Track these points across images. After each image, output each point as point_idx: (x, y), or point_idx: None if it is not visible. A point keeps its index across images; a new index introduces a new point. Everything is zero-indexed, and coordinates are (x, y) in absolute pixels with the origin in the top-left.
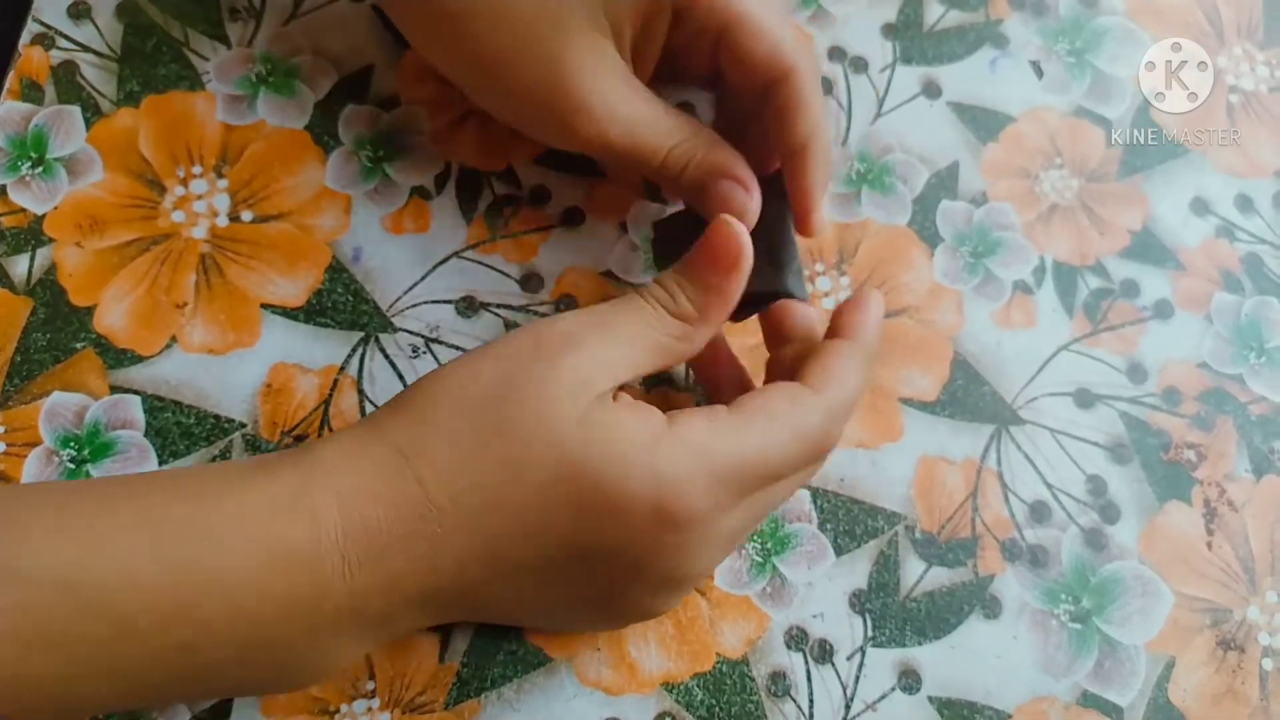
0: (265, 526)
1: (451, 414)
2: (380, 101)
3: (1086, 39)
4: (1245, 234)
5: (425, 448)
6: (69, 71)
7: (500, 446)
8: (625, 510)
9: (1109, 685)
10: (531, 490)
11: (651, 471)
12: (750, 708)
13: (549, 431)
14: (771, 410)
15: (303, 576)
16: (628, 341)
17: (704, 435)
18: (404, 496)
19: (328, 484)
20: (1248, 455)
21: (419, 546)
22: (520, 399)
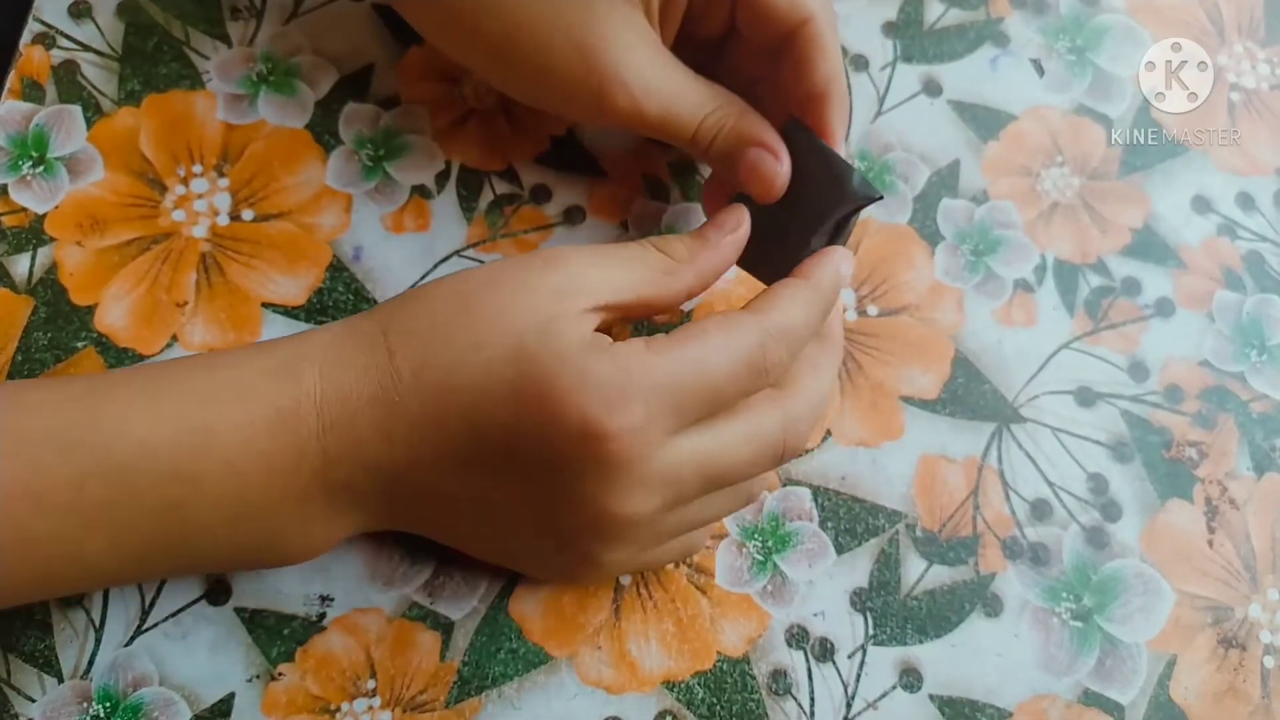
0: (255, 389)
1: (434, 299)
2: (381, 100)
3: (1087, 37)
4: (1247, 232)
5: (402, 323)
6: (70, 71)
7: (465, 326)
8: (556, 412)
9: (1110, 683)
10: (480, 371)
11: (579, 373)
12: (751, 706)
13: (510, 321)
14: (704, 329)
15: (284, 434)
16: (612, 263)
17: (635, 352)
18: (374, 364)
19: (314, 352)
20: (1249, 453)
21: (380, 411)
22: (495, 293)
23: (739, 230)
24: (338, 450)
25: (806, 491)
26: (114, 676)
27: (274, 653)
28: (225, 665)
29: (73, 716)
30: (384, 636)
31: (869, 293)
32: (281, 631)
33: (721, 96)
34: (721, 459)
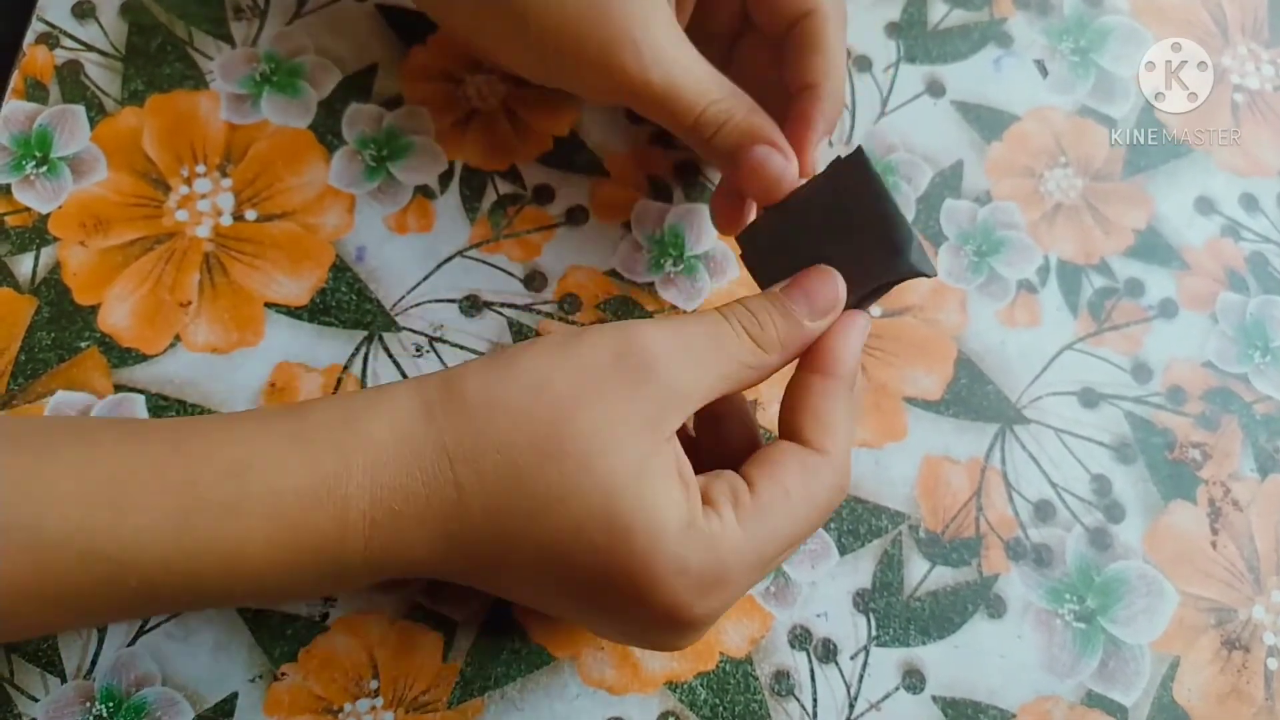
0: (294, 512)
1: (511, 424)
2: (384, 101)
3: (1090, 38)
4: (1250, 233)
5: (474, 455)
6: (73, 71)
7: (551, 473)
8: (643, 587)
9: (1113, 685)
10: (567, 524)
11: (676, 560)
12: (754, 707)
13: (603, 474)
14: (789, 491)
15: (325, 557)
16: (706, 366)
17: (729, 535)
18: (438, 498)
19: (365, 475)
20: (1253, 454)
21: (440, 542)
22: (587, 429)
23: (837, 307)
24: (383, 562)
25: None
26: (117, 676)
27: (277, 653)
28: (228, 665)
29: (76, 716)
30: (387, 637)
31: None
32: (284, 632)
33: (730, 87)
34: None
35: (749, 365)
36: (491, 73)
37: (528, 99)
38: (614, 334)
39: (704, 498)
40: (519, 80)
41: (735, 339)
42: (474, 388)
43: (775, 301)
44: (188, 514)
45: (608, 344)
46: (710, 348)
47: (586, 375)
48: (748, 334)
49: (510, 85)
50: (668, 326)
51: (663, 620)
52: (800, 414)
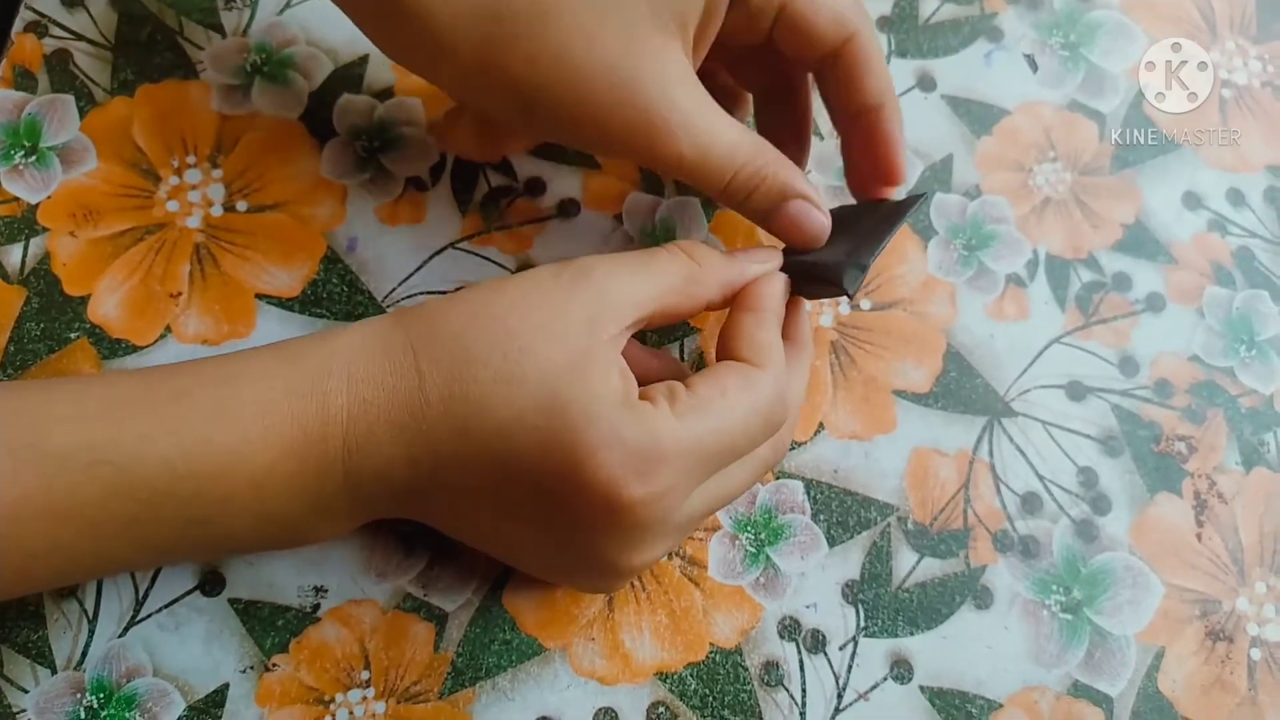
0: (280, 410)
1: (466, 322)
2: (375, 92)
3: (1080, 33)
4: (1237, 228)
5: (433, 346)
6: (62, 60)
7: (498, 363)
8: (582, 471)
9: (1099, 675)
10: (510, 414)
11: (609, 433)
12: (743, 697)
13: (544, 360)
14: (725, 390)
15: (311, 457)
16: (637, 274)
17: (663, 418)
18: (404, 387)
19: (342, 369)
20: (1238, 447)
21: (406, 437)
22: (529, 324)
23: (765, 265)
24: (361, 472)
25: (799, 484)
26: (108, 667)
27: (268, 643)
28: (219, 656)
29: (66, 707)
30: (378, 628)
31: (863, 287)
32: (275, 622)
33: (754, 144)
34: (726, 494)
35: (684, 280)
36: None
37: None
38: (554, 261)
39: (642, 396)
40: None
41: (671, 260)
42: (437, 301)
43: (712, 244)
44: (182, 418)
45: (549, 266)
46: (646, 263)
47: (531, 282)
48: (686, 255)
49: None
50: (605, 256)
51: (601, 510)
52: (735, 340)
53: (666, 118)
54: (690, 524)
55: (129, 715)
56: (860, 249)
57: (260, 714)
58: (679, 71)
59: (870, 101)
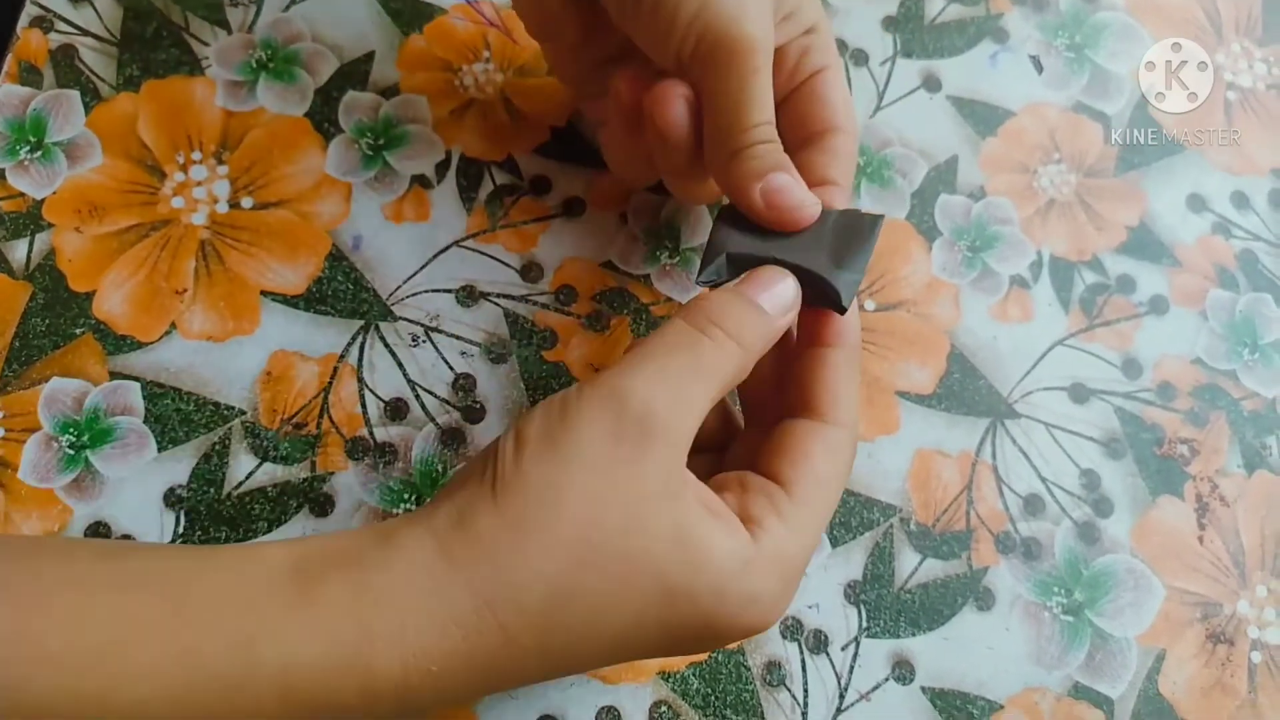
0: (310, 688)
1: (540, 551)
2: (381, 89)
3: (1086, 34)
4: (1241, 231)
5: (514, 594)
6: (68, 55)
7: (594, 581)
8: (722, 631)
9: (1100, 677)
10: (626, 621)
11: (746, 598)
12: (746, 697)
13: (645, 559)
14: (821, 478)
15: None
16: (696, 398)
17: (785, 544)
18: (483, 648)
19: (391, 644)
20: (1240, 451)
21: (489, 679)
22: (612, 522)
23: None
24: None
25: None
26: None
27: None
28: None
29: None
30: None
31: (866, 288)
32: None
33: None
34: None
35: (736, 372)
36: (489, 61)
37: (525, 89)
38: (600, 407)
39: (746, 519)
40: (517, 69)
41: (717, 352)
42: (486, 519)
43: (741, 299)
44: (190, 688)
45: (599, 423)
46: (697, 378)
47: (594, 472)
48: (730, 337)
49: (508, 75)
50: (653, 374)
51: (747, 635)
52: (813, 389)
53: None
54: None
55: None
56: (844, 258)
57: None
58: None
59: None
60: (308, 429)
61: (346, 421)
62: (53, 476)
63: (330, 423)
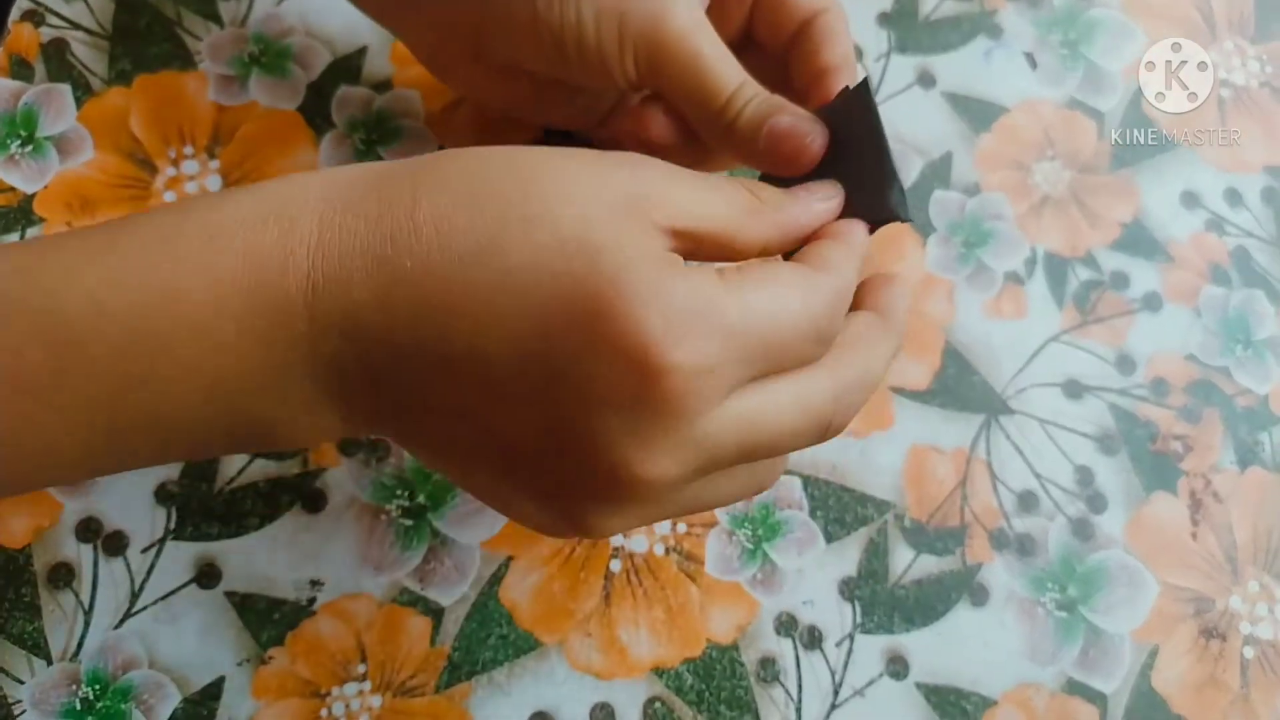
0: (232, 235)
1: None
2: (374, 84)
3: (1080, 31)
4: (1234, 228)
5: (438, 176)
6: (59, 49)
7: (517, 199)
8: (611, 327)
9: (1094, 673)
10: (528, 254)
11: (651, 289)
12: (740, 693)
13: (577, 206)
14: (779, 277)
15: (264, 294)
16: (698, 185)
17: (714, 284)
18: (390, 214)
19: (317, 193)
20: (1233, 447)
21: (384, 274)
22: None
23: (830, 202)
24: (326, 316)
25: (797, 481)
26: (103, 659)
27: (264, 636)
28: (215, 648)
29: (62, 698)
30: (374, 621)
31: None
32: (271, 616)
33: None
34: (768, 427)
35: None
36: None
37: None
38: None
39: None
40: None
41: (734, 188)
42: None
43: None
44: (113, 248)
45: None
46: (708, 180)
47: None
48: (745, 189)
49: None
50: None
51: (625, 376)
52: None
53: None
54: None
55: (124, 707)
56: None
57: (256, 707)
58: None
59: (831, 63)
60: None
61: None
62: None
63: None
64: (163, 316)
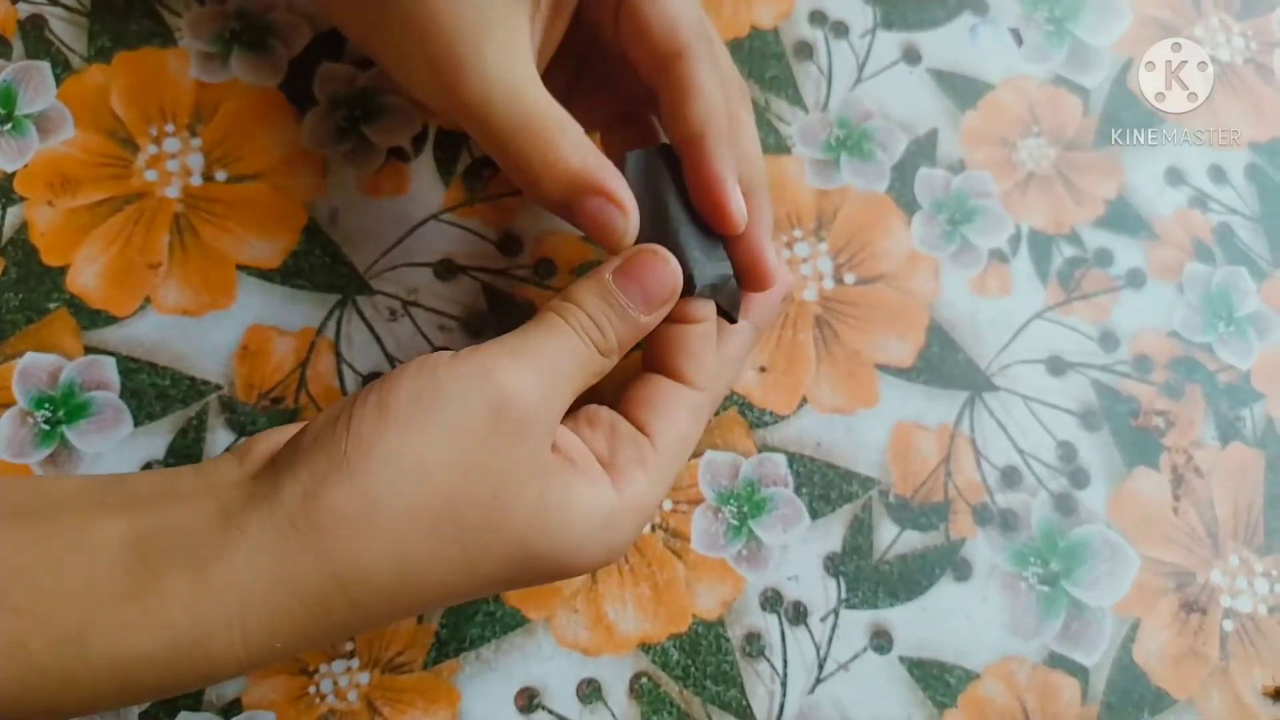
0: (146, 677)
1: (401, 528)
2: (357, 60)
3: (1066, 7)
4: (1218, 204)
5: (368, 576)
6: (37, 26)
7: (454, 552)
8: (575, 573)
9: (1076, 646)
10: (480, 583)
11: (607, 546)
12: (726, 668)
13: (507, 530)
14: (684, 437)
15: (189, 688)
16: (566, 387)
17: (645, 494)
18: (329, 619)
19: (229, 628)
20: (1214, 423)
21: (335, 638)
22: (479, 496)
23: (665, 305)
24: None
25: (782, 458)
26: None
27: None
28: None
29: None
30: None
31: (846, 260)
32: None
33: (565, 122)
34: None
35: (596, 372)
36: None
37: None
38: (479, 391)
39: (611, 467)
40: None
41: (585, 350)
42: (343, 494)
43: (609, 299)
44: (22, 685)
45: (476, 406)
46: (567, 369)
47: (468, 448)
48: (593, 343)
49: None
50: (529, 364)
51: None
52: (677, 355)
53: (468, 53)
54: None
55: None
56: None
57: (244, 684)
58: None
59: (690, 130)
60: (285, 403)
61: (324, 395)
62: (29, 452)
63: (308, 397)
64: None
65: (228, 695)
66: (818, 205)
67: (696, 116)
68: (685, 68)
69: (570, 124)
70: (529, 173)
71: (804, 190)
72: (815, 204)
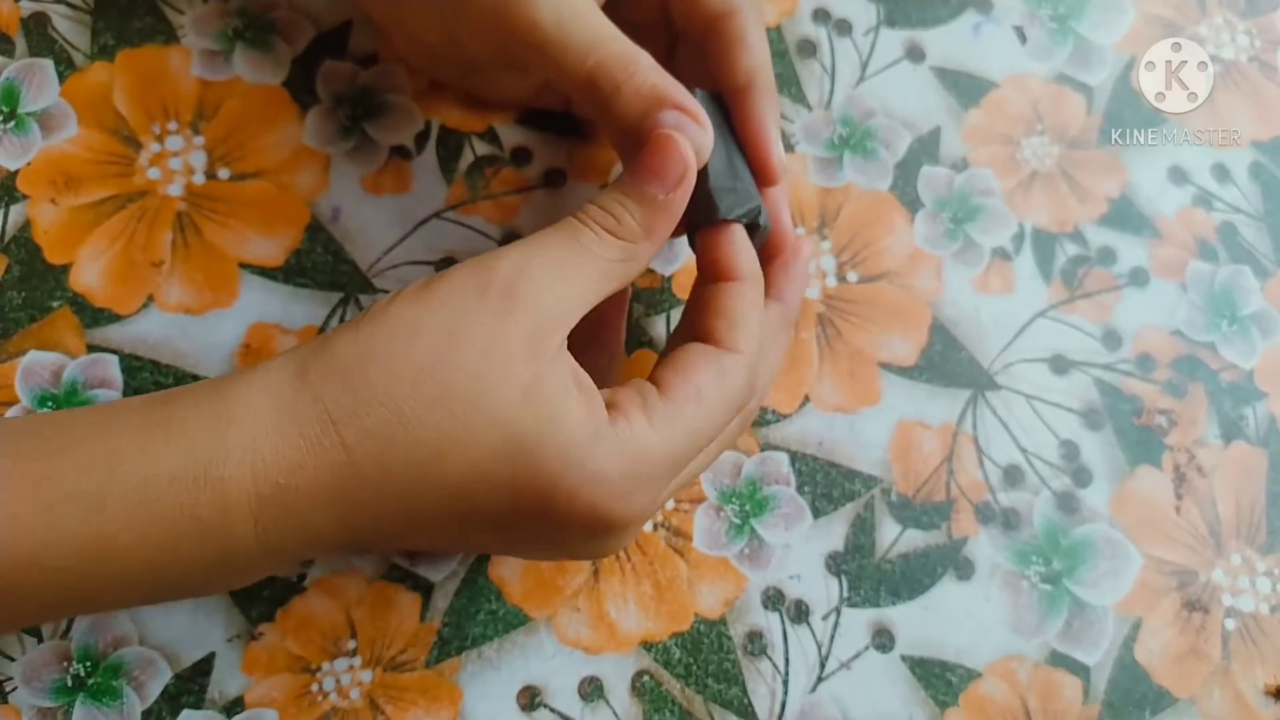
0: (167, 499)
1: (389, 375)
2: (359, 58)
3: (1069, 5)
4: (1221, 203)
5: (356, 412)
6: (40, 23)
7: (439, 417)
8: (561, 505)
9: (1077, 645)
10: (466, 466)
11: (590, 472)
12: (727, 667)
13: (492, 407)
14: (700, 390)
15: (210, 545)
16: (574, 276)
17: (643, 436)
18: (328, 464)
19: (243, 452)
20: (1217, 421)
21: (339, 508)
22: (464, 372)
23: (688, 176)
24: (282, 540)
25: (784, 456)
26: (94, 636)
27: (254, 613)
28: (206, 625)
29: (53, 675)
30: (364, 598)
31: (849, 259)
32: (261, 592)
33: (626, 42)
34: (694, 474)
35: (620, 260)
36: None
37: None
38: (472, 268)
39: (611, 406)
40: None
41: (597, 240)
42: (345, 344)
43: (625, 189)
44: (51, 508)
45: (469, 280)
46: (573, 257)
47: (454, 314)
48: (608, 232)
49: None
50: (526, 247)
51: (589, 531)
52: (709, 315)
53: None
54: (663, 502)
55: (115, 684)
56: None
57: (247, 682)
58: None
59: (740, 80)
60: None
61: None
62: None
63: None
64: (98, 576)
65: (230, 694)
66: (821, 203)
67: (746, 68)
68: (737, 23)
69: (632, 44)
70: (607, 87)
71: (807, 188)
72: (818, 202)
